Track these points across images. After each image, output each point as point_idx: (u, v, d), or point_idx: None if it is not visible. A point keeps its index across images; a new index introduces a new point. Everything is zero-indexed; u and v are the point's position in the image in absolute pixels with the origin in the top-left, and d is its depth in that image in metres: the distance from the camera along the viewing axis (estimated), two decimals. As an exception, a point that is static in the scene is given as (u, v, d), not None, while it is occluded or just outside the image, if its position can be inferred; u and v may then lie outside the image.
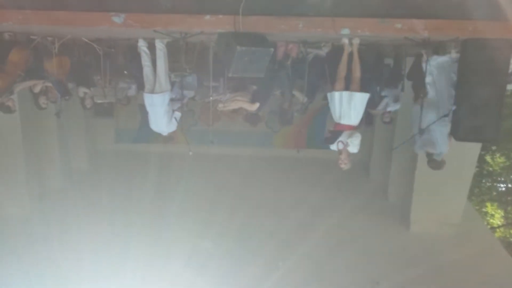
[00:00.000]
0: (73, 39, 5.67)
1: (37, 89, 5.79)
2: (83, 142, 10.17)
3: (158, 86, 5.22)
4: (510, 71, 4.72)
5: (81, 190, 8.92)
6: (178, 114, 5.62)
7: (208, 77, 5.56)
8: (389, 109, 6.12)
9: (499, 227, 14.18)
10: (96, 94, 6.23)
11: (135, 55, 6.28)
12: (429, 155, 5.21)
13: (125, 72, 6.62)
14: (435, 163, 5.22)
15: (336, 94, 4.76)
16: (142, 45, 5.20)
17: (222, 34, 4.46)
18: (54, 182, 9.24)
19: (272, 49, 4.40)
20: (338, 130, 4.79)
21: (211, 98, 5.67)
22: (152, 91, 5.22)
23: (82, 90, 6.32)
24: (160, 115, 5.35)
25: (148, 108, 5.38)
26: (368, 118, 5.93)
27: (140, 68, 5.42)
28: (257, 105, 5.55)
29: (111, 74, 6.20)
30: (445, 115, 5.15)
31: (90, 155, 10.42)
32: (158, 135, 5.90)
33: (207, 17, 4.32)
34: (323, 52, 5.47)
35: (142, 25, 4.44)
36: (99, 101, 6.35)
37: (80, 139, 10.06)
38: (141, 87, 6.68)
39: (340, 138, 4.74)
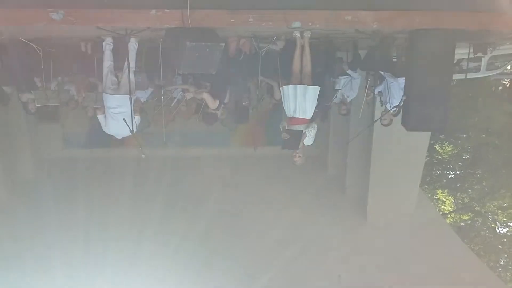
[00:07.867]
0: (10, 38, 5.24)
1: None
2: (28, 151, 9.50)
3: (124, 87, 4.79)
4: (455, 61, 4.90)
5: (27, 202, 8.37)
6: (137, 119, 5.16)
7: (158, 75, 5.34)
8: (349, 99, 6.21)
9: (450, 212, 14.86)
10: (38, 97, 5.80)
11: (81, 55, 6.00)
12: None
13: (71, 72, 6.26)
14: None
15: (291, 88, 4.71)
16: (109, 42, 4.80)
17: (170, 30, 4.28)
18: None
19: (223, 44, 4.26)
20: (297, 131, 4.70)
21: (162, 97, 5.47)
22: (116, 92, 4.81)
23: (25, 95, 5.88)
24: (125, 116, 4.86)
25: (109, 110, 4.91)
26: (323, 112, 5.95)
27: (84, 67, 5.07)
28: (217, 102, 5.39)
29: (54, 75, 5.81)
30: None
31: (36, 164, 9.78)
32: (110, 138, 5.52)
33: (153, 12, 4.10)
34: (277, 47, 5.42)
35: (84, 22, 4.14)
36: (42, 105, 5.92)
37: (24, 147, 9.39)
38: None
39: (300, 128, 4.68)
